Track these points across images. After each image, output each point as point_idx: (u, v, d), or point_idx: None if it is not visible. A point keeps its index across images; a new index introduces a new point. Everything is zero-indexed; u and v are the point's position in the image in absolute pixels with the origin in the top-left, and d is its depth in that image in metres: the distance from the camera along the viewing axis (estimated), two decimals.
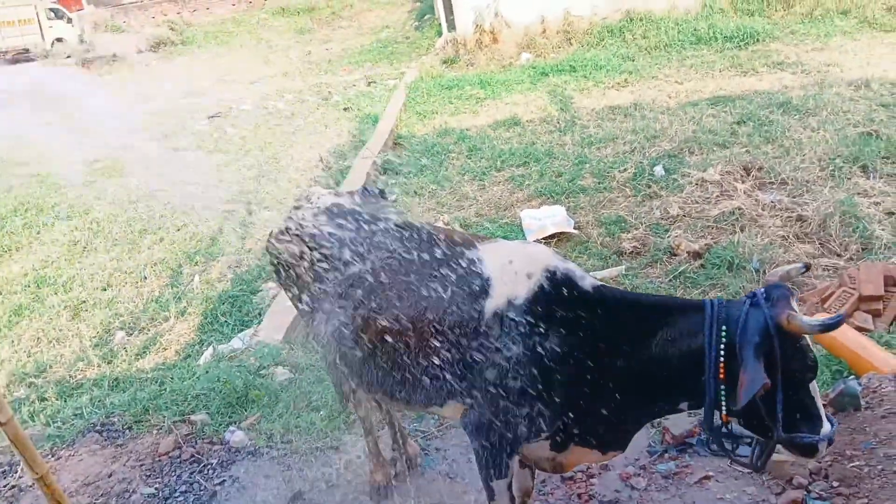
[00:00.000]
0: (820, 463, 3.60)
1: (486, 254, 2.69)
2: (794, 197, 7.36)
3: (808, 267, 2.58)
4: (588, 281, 2.55)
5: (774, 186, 7.65)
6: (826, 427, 2.34)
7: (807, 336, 2.29)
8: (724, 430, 2.49)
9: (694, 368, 2.35)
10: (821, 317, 4.79)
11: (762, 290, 2.37)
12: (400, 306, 2.70)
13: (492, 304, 2.52)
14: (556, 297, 2.48)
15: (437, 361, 2.63)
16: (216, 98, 15.65)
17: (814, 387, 2.34)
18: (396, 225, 2.95)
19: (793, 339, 2.26)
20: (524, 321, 2.47)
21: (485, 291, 2.56)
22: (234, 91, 16.41)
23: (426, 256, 2.75)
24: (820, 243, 6.51)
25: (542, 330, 2.46)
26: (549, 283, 2.50)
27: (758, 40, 13.94)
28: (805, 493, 3.42)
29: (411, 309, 2.66)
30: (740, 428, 2.51)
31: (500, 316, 2.49)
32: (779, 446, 2.39)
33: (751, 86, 11.34)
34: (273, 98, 15.22)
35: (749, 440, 2.53)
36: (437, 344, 2.60)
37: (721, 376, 2.31)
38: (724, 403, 2.35)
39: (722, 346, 2.30)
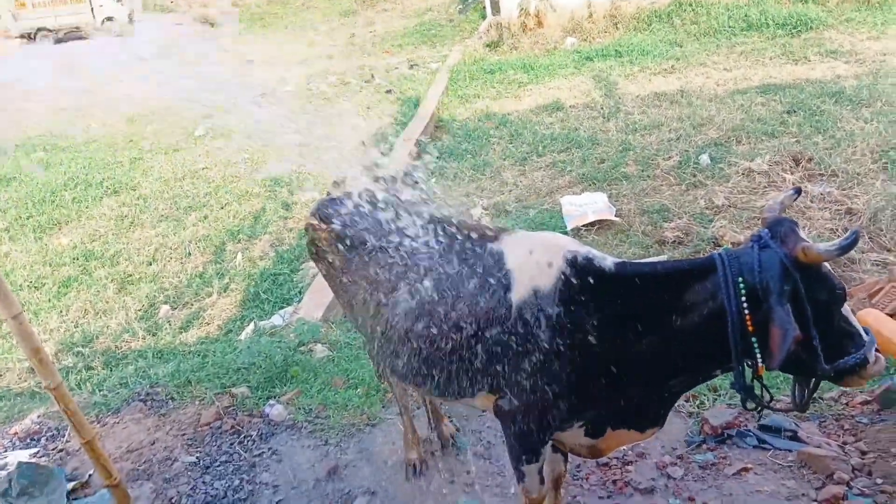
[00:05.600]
0: (863, 460, 3.53)
1: (507, 246, 2.67)
2: (843, 189, 7.17)
3: (798, 191, 2.43)
4: (609, 261, 2.51)
5: (824, 178, 7.46)
6: (864, 337, 2.25)
7: (827, 264, 2.20)
8: (757, 382, 2.38)
9: (721, 328, 2.25)
10: (868, 310, 4.70)
11: (765, 230, 2.28)
12: (428, 301, 2.70)
13: (517, 296, 2.51)
14: (579, 281, 2.45)
15: (466, 355, 2.63)
16: (261, 79, 15.80)
17: (845, 308, 2.25)
18: (427, 216, 2.94)
19: (814, 271, 2.17)
20: (550, 310, 2.44)
21: (509, 284, 2.54)
22: (277, 72, 16.54)
23: (452, 249, 2.74)
24: (870, 237, 6.33)
25: (569, 317, 2.44)
26: (570, 269, 2.47)
27: (811, 27, 13.53)
28: (846, 488, 3.35)
29: (439, 303, 2.66)
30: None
31: (527, 307, 2.47)
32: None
33: (802, 74, 11.03)
34: (316, 80, 15.30)
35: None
36: (466, 338, 2.60)
37: (750, 329, 2.21)
38: (759, 356, 2.25)
39: (743, 298, 2.21)
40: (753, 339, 2.22)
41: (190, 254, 7.56)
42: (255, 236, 7.80)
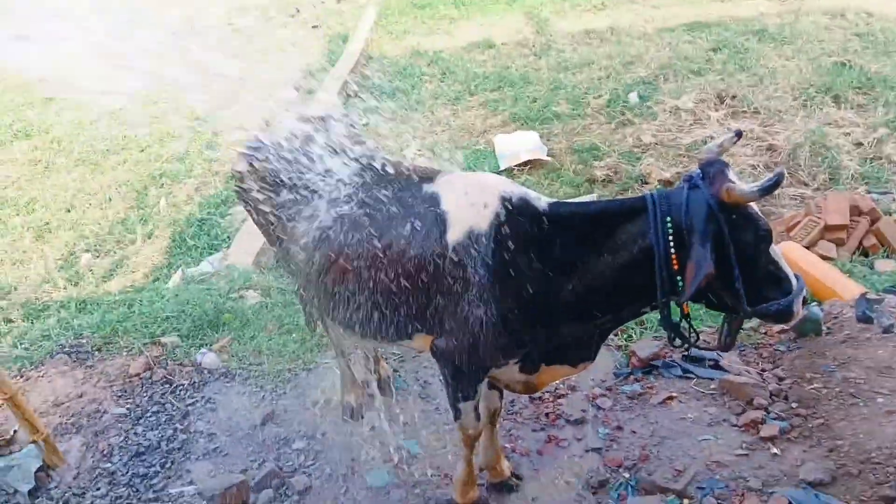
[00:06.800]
0: (780, 386, 3.73)
1: (442, 188, 2.65)
2: (765, 126, 7.38)
3: (739, 134, 2.47)
4: (543, 201, 2.53)
5: (747, 115, 7.66)
6: (793, 284, 2.31)
7: (752, 205, 2.26)
8: (684, 322, 2.48)
9: (650, 267, 2.31)
10: (786, 244, 4.91)
11: (697, 170, 2.32)
12: (361, 243, 2.66)
13: (452, 237, 2.49)
14: (513, 222, 2.46)
15: (402, 297, 2.62)
16: (176, 14, 14.98)
17: (774, 251, 2.32)
18: (358, 157, 2.88)
19: (738, 212, 2.22)
20: (485, 251, 2.45)
21: (444, 225, 2.53)
22: (194, 6, 15.71)
23: (386, 191, 2.70)
24: (789, 173, 6.57)
25: (503, 256, 2.45)
26: (505, 210, 2.47)
27: None
28: (764, 413, 3.55)
29: (373, 246, 2.63)
30: None
31: (462, 248, 2.47)
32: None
33: (727, 12, 11.17)
34: (237, 14, 14.61)
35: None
36: (401, 280, 2.58)
37: (675, 267, 2.27)
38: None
39: (670, 238, 2.26)
40: (678, 278, 2.28)
41: (111, 199, 7.25)
42: (178, 180, 7.51)
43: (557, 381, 3.83)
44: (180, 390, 4.15)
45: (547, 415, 3.78)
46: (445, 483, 3.42)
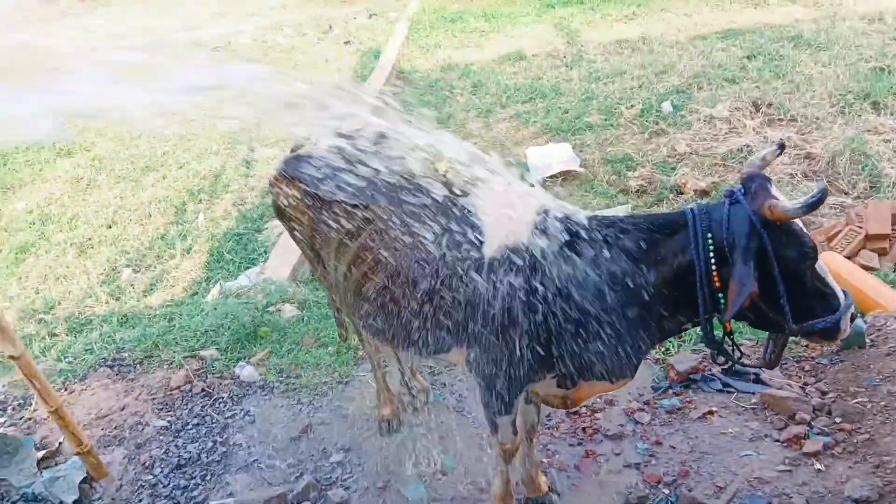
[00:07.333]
0: (823, 400, 3.65)
1: (479, 201, 2.65)
2: (803, 134, 7.27)
3: (782, 147, 2.42)
4: (581, 215, 2.52)
5: (784, 123, 7.55)
6: (841, 300, 2.26)
7: (798, 221, 2.21)
8: (727, 339, 2.44)
9: (691, 283, 2.29)
10: (827, 254, 4.82)
11: (740, 185, 2.28)
12: (399, 256, 2.68)
13: (489, 251, 2.50)
14: (551, 236, 2.46)
15: (440, 311, 2.63)
16: (214, 32, 15.30)
17: (821, 267, 2.26)
18: (395, 170, 2.89)
19: (782, 228, 2.17)
20: (522, 265, 2.46)
21: (481, 239, 2.53)
22: (231, 24, 16.03)
23: (424, 204, 2.71)
24: (828, 181, 6.45)
25: (541, 271, 2.45)
26: (542, 224, 2.47)
27: None
28: (808, 428, 3.48)
29: (411, 259, 2.64)
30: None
31: (499, 262, 2.48)
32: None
33: (761, 19, 11.06)
34: (272, 31, 14.86)
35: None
36: (438, 293, 2.59)
37: (717, 285, 2.24)
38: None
39: (711, 254, 2.23)
40: (720, 295, 2.25)
41: (150, 215, 7.39)
42: (216, 195, 7.64)
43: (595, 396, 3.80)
44: (219, 403, 4.21)
45: (584, 429, 3.75)
46: (482, 498, 3.41)
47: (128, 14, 18.95)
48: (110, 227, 7.29)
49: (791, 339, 4.08)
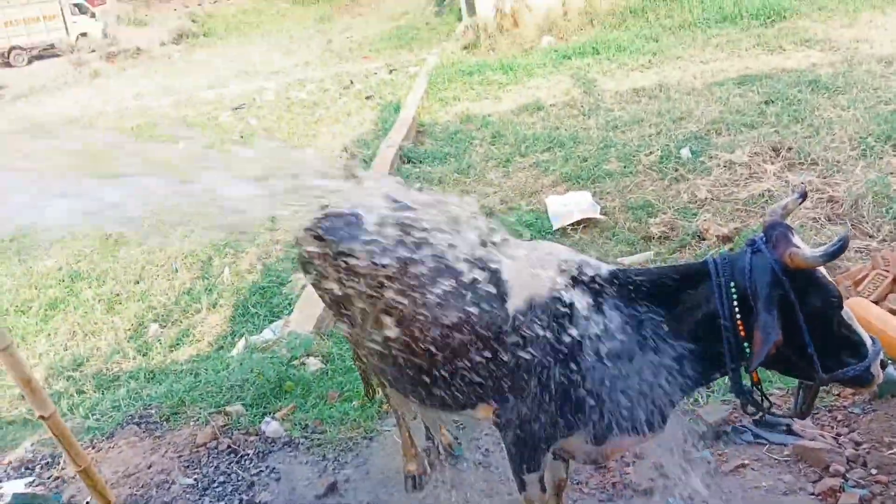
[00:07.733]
0: (857, 451, 3.57)
1: (503, 256, 2.68)
2: (824, 178, 7.24)
3: (804, 195, 2.45)
4: (603, 268, 2.54)
5: (804, 167, 7.53)
6: (869, 347, 2.24)
7: (822, 269, 2.20)
8: (755, 388, 2.42)
9: (715, 333, 2.29)
10: (854, 299, 4.75)
11: (761, 234, 2.29)
12: (425, 314, 2.69)
13: (513, 307, 2.51)
14: (574, 290, 2.47)
15: (466, 367, 2.62)
16: (239, 89, 15.73)
17: (847, 314, 2.25)
18: (419, 226, 2.92)
19: (805, 276, 2.17)
20: (546, 320, 2.46)
21: (505, 295, 2.55)
22: (256, 82, 16.48)
23: (447, 262, 2.73)
24: (852, 225, 6.40)
25: (567, 326, 2.45)
26: (565, 279, 2.49)
27: (784, 17, 13.67)
28: (842, 480, 3.39)
29: (436, 317, 2.65)
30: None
31: (523, 318, 2.48)
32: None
33: (778, 64, 11.14)
34: (295, 88, 15.26)
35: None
36: (465, 350, 2.60)
37: (742, 334, 2.24)
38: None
39: (735, 304, 2.23)
40: (745, 344, 2.24)
41: (177, 270, 7.52)
42: (241, 250, 7.75)
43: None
44: (245, 460, 4.20)
45: (614, 484, 3.69)
46: None
47: (155, 74, 19.58)
48: (138, 282, 7.41)
49: (822, 388, 4.04)
